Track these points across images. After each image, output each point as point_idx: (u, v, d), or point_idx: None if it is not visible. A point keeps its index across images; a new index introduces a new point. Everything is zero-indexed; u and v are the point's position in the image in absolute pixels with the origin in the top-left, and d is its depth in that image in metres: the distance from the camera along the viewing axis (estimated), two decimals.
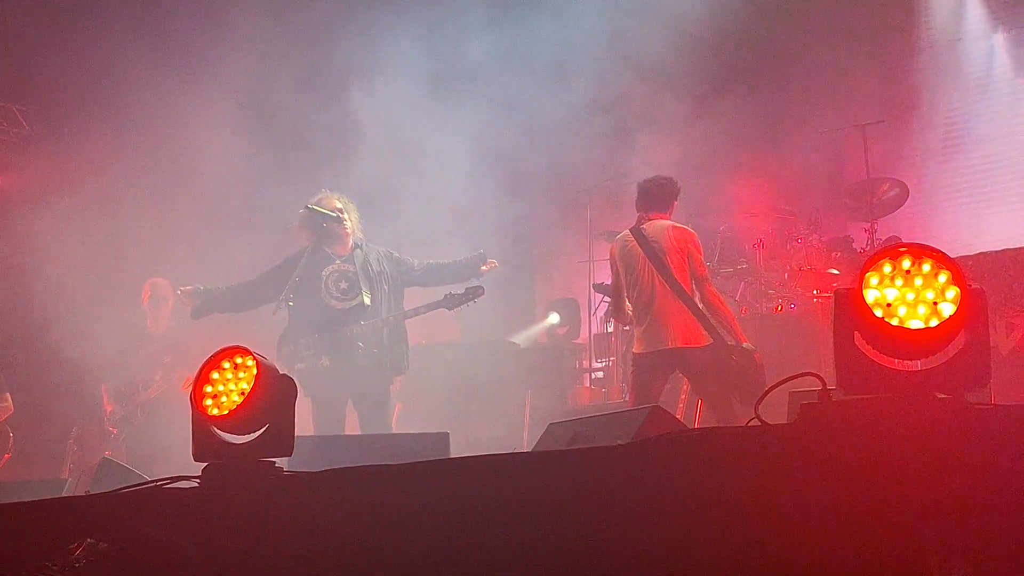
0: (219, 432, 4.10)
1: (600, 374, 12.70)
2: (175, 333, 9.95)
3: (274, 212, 9.99)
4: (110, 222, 11.26)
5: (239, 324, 8.52)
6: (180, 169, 11.33)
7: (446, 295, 8.17)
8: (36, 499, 4.34)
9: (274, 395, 4.06)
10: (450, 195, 11.02)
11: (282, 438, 4.06)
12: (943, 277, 3.13)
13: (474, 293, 8.15)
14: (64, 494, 6.64)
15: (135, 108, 11.66)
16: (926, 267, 3.15)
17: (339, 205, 8.36)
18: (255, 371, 4.04)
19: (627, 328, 11.12)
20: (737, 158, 13.37)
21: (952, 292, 3.11)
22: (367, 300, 8.12)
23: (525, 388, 11.15)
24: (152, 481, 4.08)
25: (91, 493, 5.34)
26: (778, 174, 13.32)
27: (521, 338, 13.17)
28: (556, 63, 11.70)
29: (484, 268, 8.47)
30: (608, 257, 8.25)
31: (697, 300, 7.60)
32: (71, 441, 10.53)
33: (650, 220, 7.87)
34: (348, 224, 8.33)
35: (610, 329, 12.18)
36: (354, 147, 10.78)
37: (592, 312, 12.94)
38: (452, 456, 5.92)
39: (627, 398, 9.19)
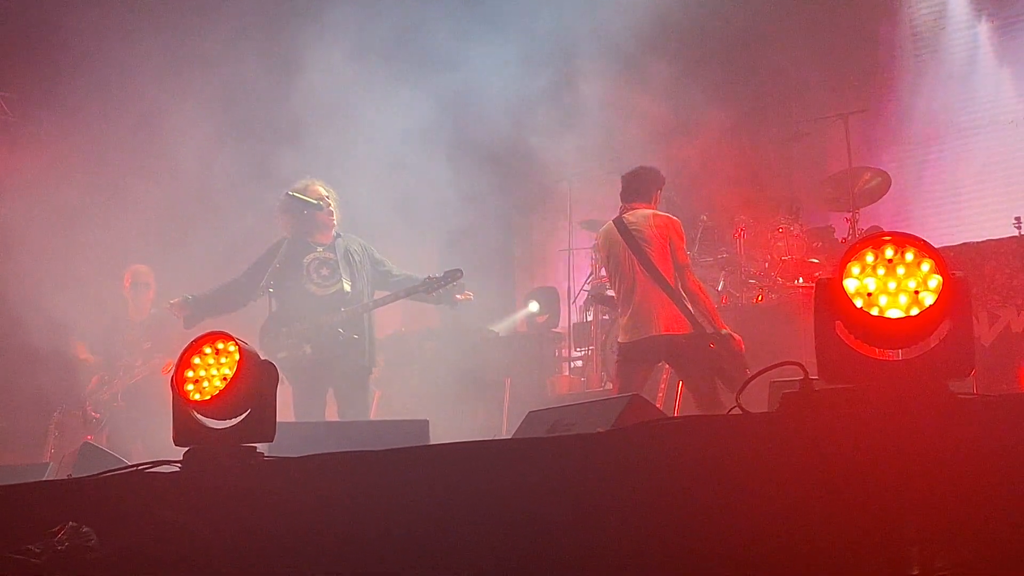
0: (200, 417, 4.10)
1: (579, 363, 12.73)
2: (155, 319, 9.94)
3: (254, 197, 9.95)
4: (91, 209, 11.22)
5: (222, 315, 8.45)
6: (163, 157, 11.28)
7: (425, 279, 8.16)
8: (18, 483, 4.34)
9: (256, 380, 4.06)
10: (428, 184, 11.00)
11: (264, 423, 4.07)
12: (926, 266, 3.12)
13: (453, 276, 8.13)
14: (46, 478, 6.61)
15: (117, 96, 11.62)
16: (909, 256, 3.15)
17: (324, 192, 8.33)
18: (237, 356, 4.05)
19: (605, 318, 11.17)
20: (717, 146, 13.37)
21: (934, 281, 3.11)
22: (347, 287, 8.11)
23: (504, 376, 11.17)
24: (134, 465, 4.08)
25: (73, 477, 5.32)
26: (759, 163, 13.36)
27: (501, 326, 13.18)
28: (534, 50, 11.69)
29: (459, 297, 8.41)
30: (589, 246, 8.25)
31: (679, 288, 7.60)
32: (52, 426, 10.52)
33: (633, 210, 7.87)
34: (332, 212, 8.30)
35: (589, 318, 12.20)
36: (327, 135, 10.77)
37: (572, 301, 12.96)
38: (431, 443, 5.92)
39: (610, 387, 9.22)
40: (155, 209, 11.10)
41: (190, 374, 4.11)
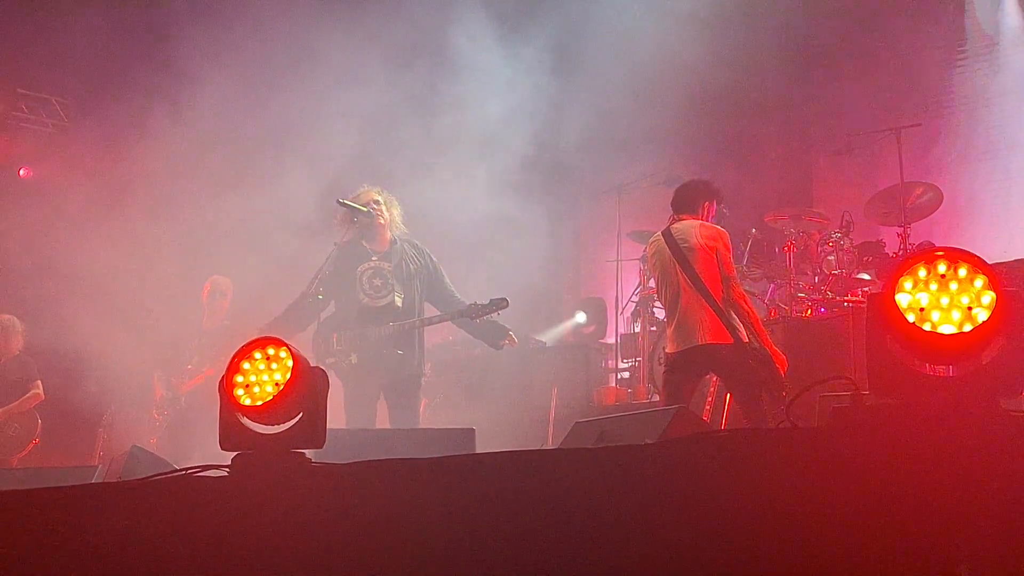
0: (248, 422, 4.12)
1: (626, 374, 12.69)
2: (227, 329, 10.03)
3: (315, 204, 9.98)
4: (145, 214, 11.31)
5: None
6: (219, 163, 11.33)
7: (470, 304, 8.12)
8: (67, 485, 4.37)
9: (309, 387, 4.08)
10: (475, 195, 11.02)
11: (315, 430, 4.08)
12: (979, 282, 3.10)
13: (497, 305, 8.08)
14: (94, 481, 6.67)
15: (173, 102, 11.71)
16: (962, 272, 3.13)
17: (377, 199, 8.30)
18: (290, 363, 4.07)
19: (652, 329, 11.15)
20: (767, 159, 13.32)
21: (987, 297, 3.08)
22: (399, 301, 8.08)
23: (551, 386, 11.14)
24: (182, 469, 4.10)
25: (122, 480, 5.36)
26: (809, 177, 13.29)
27: (548, 336, 13.18)
28: (584, 61, 11.69)
29: (503, 343, 8.38)
30: (639, 257, 8.21)
31: (722, 300, 7.55)
32: (100, 428, 10.62)
33: (680, 221, 7.85)
34: (383, 218, 8.27)
35: (637, 329, 12.17)
36: (385, 144, 10.80)
37: (619, 312, 12.93)
38: (477, 452, 5.92)
39: (657, 399, 9.18)
40: (213, 215, 11.15)
41: (240, 379, 4.14)
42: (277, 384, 4.07)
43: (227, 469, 4.05)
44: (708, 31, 11.51)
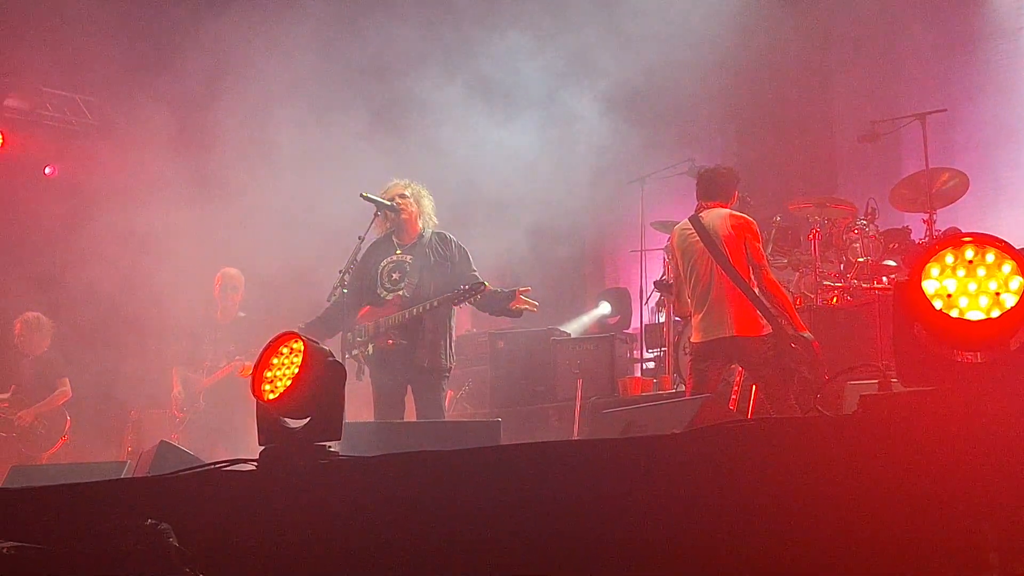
0: (279, 416, 4.14)
1: (651, 364, 12.68)
2: (242, 322, 10.04)
3: (341, 199, 9.97)
4: (171, 212, 11.34)
5: (308, 314, 8.43)
6: (246, 160, 11.33)
7: (457, 289, 7.97)
8: (96, 480, 4.40)
9: (321, 378, 4.08)
10: (500, 184, 11.00)
11: (330, 422, 4.08)
12: (1007, 267, 3.07)
13: (476, 289, 7.91)
14: (123, 476, 6.70)
15: (198, 99, 11.74)
16: (989, 257, 3.10)
17: (407, 193, 8.24)
18: (300, 356, 4.08)
19: (677, 319, 11.13)
20: (791, 147, 13.27)
21: (1016, 283, 3.05)
22: (406, 293, 8.05)
23: (576, 377, 11.13)
24: (211, 464, 4.12)
25: (151, 475, 5.38)
26: (834, 164, 13.23)
27: (572, 327, 13.16)
28: (608, 49, 11.66)
29: (513, 304, 8.03)
30: (663, 247, 8.18)
31: (755, 288, 7.53)
32: (129, 424, 10.66)
33: (709, 209, 7.82)
34: (410, 211, 8.21)
35: (661, 319, 12.15)
36: (412, 136, 10.80)
37: (643, 302, 12.91)
38: (503, 443, 5.93)
39: (682, 388, 9.16)
40: (242, 213, 11.15)
41: (268, 374, 4.16)
42: (292, 376, 4.09)
43: (255, 463, 4.07)
44: (731, 20, 11.46)
